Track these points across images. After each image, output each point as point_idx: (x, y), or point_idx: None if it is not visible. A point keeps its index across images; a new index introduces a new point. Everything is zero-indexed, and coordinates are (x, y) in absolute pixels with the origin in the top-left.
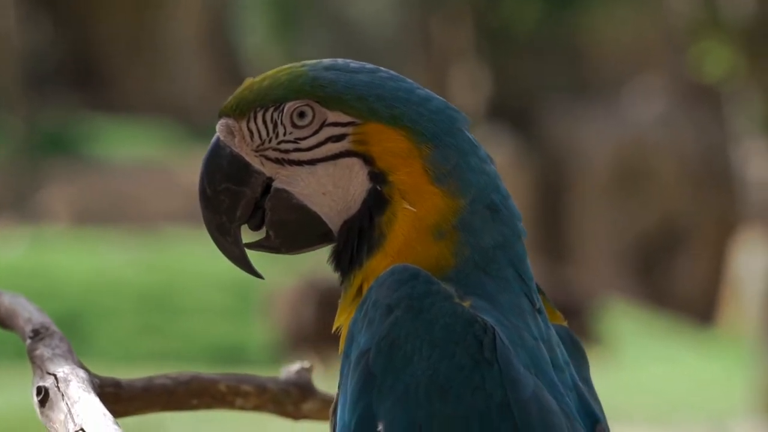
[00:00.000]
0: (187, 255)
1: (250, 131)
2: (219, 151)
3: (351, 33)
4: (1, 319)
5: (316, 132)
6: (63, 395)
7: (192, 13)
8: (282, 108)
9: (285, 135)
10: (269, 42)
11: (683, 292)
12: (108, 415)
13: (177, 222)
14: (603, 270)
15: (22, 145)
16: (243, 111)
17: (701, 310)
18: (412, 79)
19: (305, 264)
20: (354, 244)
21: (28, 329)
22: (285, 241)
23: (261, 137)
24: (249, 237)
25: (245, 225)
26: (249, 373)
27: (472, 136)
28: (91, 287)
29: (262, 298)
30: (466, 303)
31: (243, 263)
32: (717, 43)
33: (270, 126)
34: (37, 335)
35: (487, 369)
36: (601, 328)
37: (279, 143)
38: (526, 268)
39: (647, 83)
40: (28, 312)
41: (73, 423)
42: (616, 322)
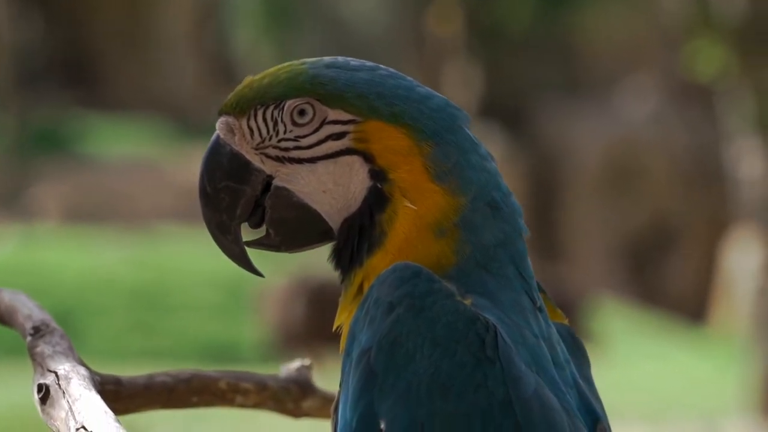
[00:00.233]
0: (179, 253)
1: (250, 129)
2: (219, 149)
3: (343, 31)
4: (1, 316)
5: (316, 130)
6: (64, 393)
7: (184, 11)
8: (282, 106)
9: (285, 133)
10: (261, 40)
11: (675, 290)
12: (109, 413)
13: (169, 219)
14: (595, 268)
15: (13, 143)
16: (243, 109)
17: (693, 308)
18: None
19: (296, 262)
20: (354, 242)
21: (28, 326)
22: (285, 239)
23: (261, 135)
24: (249, 235)
25: (245, 223)
26: (248, 371)
27: (472, 133)
28: (83, 284)
29: (253, 295)
30: (467, 301)
31: (243, 261)
32: (709, 42)
33: (270, 124)
34: (38, 332)
35: (489, 367)
36: (593, 326)
37: (279, 141)
38: (526, 265)
39: (639, 82)
40: (28, 309)
41: (74, 421)
42: (607, 320)
